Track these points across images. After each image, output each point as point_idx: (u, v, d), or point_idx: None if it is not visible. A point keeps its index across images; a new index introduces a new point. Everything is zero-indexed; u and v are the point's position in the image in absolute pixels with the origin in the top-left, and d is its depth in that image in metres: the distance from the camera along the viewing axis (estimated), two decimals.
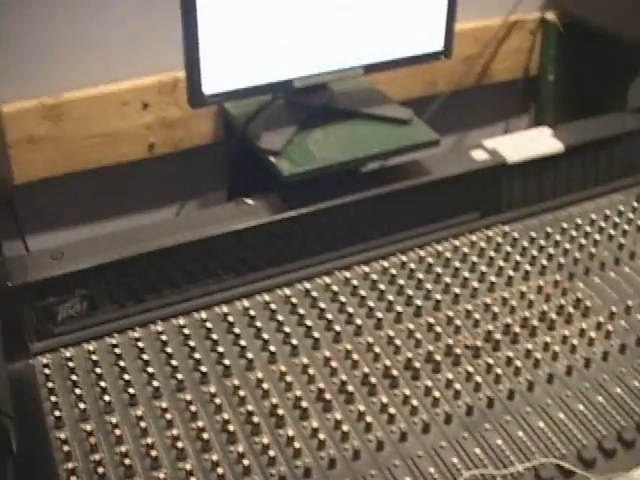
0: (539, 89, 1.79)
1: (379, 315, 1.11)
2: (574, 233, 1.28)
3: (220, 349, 1.05)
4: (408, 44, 1.31)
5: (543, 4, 1.73)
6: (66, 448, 0.93)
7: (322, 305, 1.13)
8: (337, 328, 1.09)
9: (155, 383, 1.00)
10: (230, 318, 1.10)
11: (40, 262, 1.09)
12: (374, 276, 1.18)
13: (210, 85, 1.17)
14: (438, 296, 1.14)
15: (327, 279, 1.18)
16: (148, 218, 1.55)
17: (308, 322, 1.10)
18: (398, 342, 1.07)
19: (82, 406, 0.97)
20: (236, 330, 1.08)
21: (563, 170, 1.39)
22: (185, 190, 1.45)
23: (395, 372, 1.02)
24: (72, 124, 1.39)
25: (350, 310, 1.12)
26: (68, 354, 1.05)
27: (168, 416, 0.96)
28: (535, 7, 1.73)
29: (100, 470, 0.91)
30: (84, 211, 1.51)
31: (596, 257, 1.24)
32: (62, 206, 1.48)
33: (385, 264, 1.21)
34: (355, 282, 1.17)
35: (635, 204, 1.35)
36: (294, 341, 1.07)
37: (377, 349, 1.06)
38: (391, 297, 1.14)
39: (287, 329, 1.09)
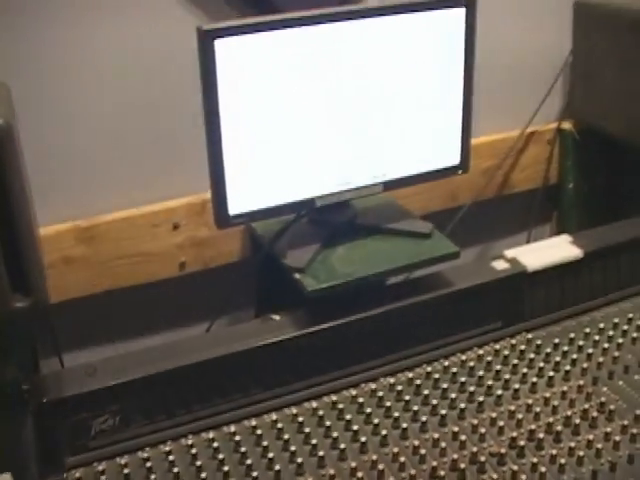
0: (560, 197, 1.86)
1: (404, 425, 1.15)
2: (597, 337, 1.33)
3: (248, 461, 1.10)
4: (425, 160, 1.40)
5: (559, 115, 1.83)
6: None
7: (348, 417, 1.17)
8: (363, 439, 1.13)
9: None
10: (259, 431, 1.15)
11: (74, 378, 1.15)
12: (399, 387, 1.23)
13: (235, 206, 1.26)
14: (462, 405, 1.18)
15: (353, 391, 1.23)
16: (179, 335, 1.62)
17: (335, 434, 1.14)
18: (423, 451, 1.11)
19: None
20: (264, 443, 1.13)
21: (584, 276, 1.44)
22: (215, 307, 1.52)
23: None
24: (105, 245, 1.47)
25: (376, 421, 1.16)
26: (101, 468, 1.11)
27: None
28: (551, 118, 1.83)
29: None
30: (117, 328, 1.57)
31: (620, 360, 1.28)
32: (96, 323, 1.55)
33: (410, 375, 1.26)
34: (381, 393, 1.21)
35: None
36: (321, 452, 1.11)
37: (403, 458, 1.09)
38: (416, 407, 1.19)
39: (314, 441, 1.13)
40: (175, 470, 1.09)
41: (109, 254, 1.48)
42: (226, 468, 1.08)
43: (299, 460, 1.09)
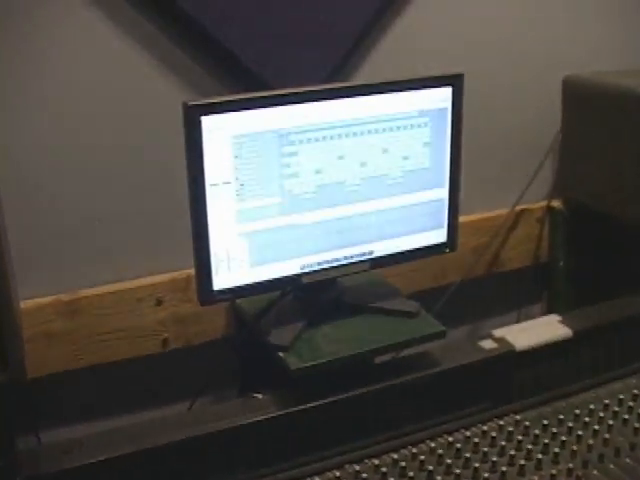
0: (550, 276, 1.88)
1: None
2: (587, 419, 1.33)
3: None
4: (412, 238, 1.43)
5: (549, 193, 1.86)
6: None
7: None
8: None
9: None
10: None
11: (51, 455, 1.16)
12: (384, 469, 1.23)
13: (220, 282, 1.28)
14: None
15: (337, 472, 1.23)
16: (160, 412, 1.62)
17: None
18: None
19: None
20: None
21: (574, 356, 1.46)
22: (197, 384, 1.52)
23: None
24: (87, 320, 1.48)
25: None
26: None
27: None
28: (541, 196, 1.86)
29: None
30: (97, 404, 1.57)
31: (610, 443, 1.28)
32: (75, 399, 1.55)
33: (395, 456, 1.26)
34: (365, 475, 1.21)
35: None
36: None
37: None
38: None
39: None
40: None
41: (91, 329, 1.49)
42: None
43: None
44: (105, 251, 1.50)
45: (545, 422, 1.32)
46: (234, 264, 1.29)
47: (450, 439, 1.30)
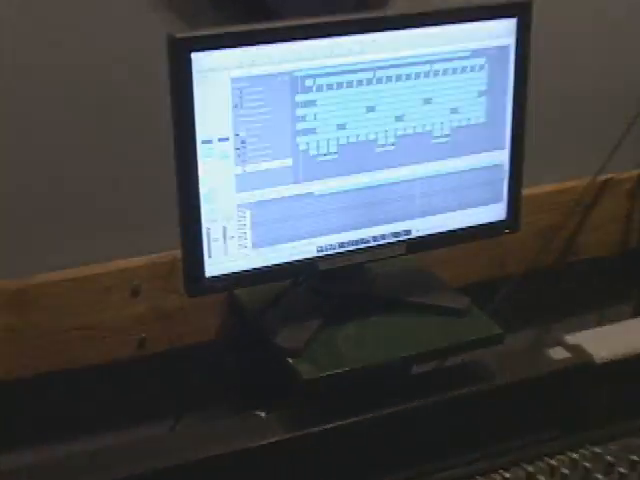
0: None
1: None
2: None
3: None
4: (462, 214, 1.42)
5: None
6: None
7: None
8: None
9: None
10: None
11: None
12: None
13: (213, 267, 1.28)
14: None
15: None
16: (136, 434, 1.62)
17: None
18: None
19: None
20: None
21: None
22: (182, 398, 1.53)
23: None
24: (42, 314, 1.48)
25: None
26: None
27: None
28: (632, 162, 1.85)
29: None
30: (53, 423, 1.57)
31: None
32: (24, 416, 1.55)
33: None
34: None
35: None
36: None
37: None
38: None
39: None
40: None
41: (45, 326, 1.49)
42: None
43: None
44: (66, 226, 1.49)
45: (633, 457, 1.32)
46: (232, 244, 1.29)
47: (507, 475, 1.30)
